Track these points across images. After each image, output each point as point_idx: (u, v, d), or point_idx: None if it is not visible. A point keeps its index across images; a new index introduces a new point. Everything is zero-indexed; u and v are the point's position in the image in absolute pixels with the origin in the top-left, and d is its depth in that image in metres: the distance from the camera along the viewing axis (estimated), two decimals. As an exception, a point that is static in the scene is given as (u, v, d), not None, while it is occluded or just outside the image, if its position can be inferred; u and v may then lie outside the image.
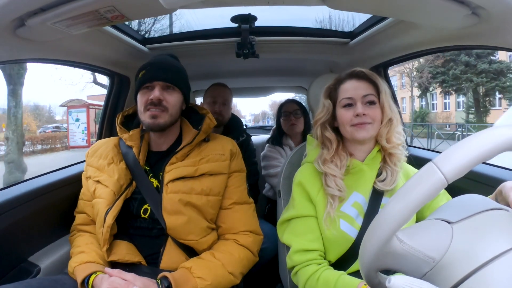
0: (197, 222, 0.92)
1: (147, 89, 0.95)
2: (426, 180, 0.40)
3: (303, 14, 1.48)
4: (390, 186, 0.88)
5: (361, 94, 0.89)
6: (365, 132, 0.88)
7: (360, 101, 0.89)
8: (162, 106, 0.94)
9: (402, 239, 0.44)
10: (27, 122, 17.08)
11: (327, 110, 0.94)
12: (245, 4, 0.90)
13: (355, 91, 0.89)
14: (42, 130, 17.06)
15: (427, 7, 0.77)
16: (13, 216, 0.94)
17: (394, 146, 0.91)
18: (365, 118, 0.87)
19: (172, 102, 0.96)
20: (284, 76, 2.24)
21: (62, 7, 0.75)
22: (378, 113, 0.89)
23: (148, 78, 0.95)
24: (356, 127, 0.88)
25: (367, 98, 0.89)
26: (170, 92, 0.96)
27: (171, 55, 1.09)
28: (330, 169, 0.89)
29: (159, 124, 0.94)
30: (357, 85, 0.90)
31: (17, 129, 6.29)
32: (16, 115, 6.21)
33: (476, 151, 0.39)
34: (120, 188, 0.93)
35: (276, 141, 1.88)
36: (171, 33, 1.53)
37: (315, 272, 0.84)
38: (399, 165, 0.92)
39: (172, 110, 0.96)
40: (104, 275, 0.82)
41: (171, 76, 0.96)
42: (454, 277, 0.40)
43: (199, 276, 0.83)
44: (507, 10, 0.70)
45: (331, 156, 0.91)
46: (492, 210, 0.46)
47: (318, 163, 0.92)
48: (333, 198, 0.87)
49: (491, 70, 11.55)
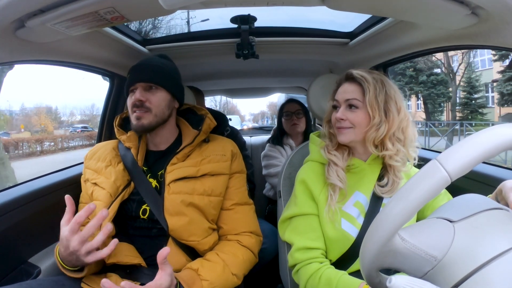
0: (199, 223, 0.92)
1: (133, 92, 0.96)
2: (430, 177, 0.40)
3: (303, 15, 1.48)
4: (388, 194, 0.88)
5: (344, 98, 0.89)
6: (343, 136, 0.88)
7: (344, 104, 0.89)
8: (144, 107, 0.93)
9: (404, 237, 0.44)
10: (44, 123, 19.17)
11: (329, 110, 0.97)
12: (244, 5, 0.89)
13: (341, 94, 0.90)
14: (73, 130, 18.95)
15: (427, 7, 0.77)
16: (14, 218, 0.94)
17: (391, 157, 0.86)
18: (343, 122, 0.88)
19: (155, 102, 0.95)
20: (284, 76, 2.24)
21: (62, 9, 0.75)
22: (361, 117, 0.86)
23: (131, 81, 0.96)
24: (337, 130, 0.90)
25: (349, 101, 0.88)
26: (153, 92, 0.95)
27: (161, 55, 1.09)
28: (334, 157, 0.90)
29: (143, 125, 0.94)
30: (346, 88, 0.90)
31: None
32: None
33: (479, 149, 0.39)
34: (117, 189, 0.93)
35: (277, 140, 1.88)
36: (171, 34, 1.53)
37: (317, 271, 0.84)
38: (400, 175, 0.89)
39: (156, 110, 0.95)
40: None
41: (152, 76, 0.96)
42: (456, 276, 0.40)
43: (206, 278, 0.83)
44: (506, 10, 0.70)
45: (335, 147, 0.93)
46: (493, 209, 0.46)
47: (324, 149, 0.93)
48: (334, 189, 0.87)
49: (429, 81, 16.07)
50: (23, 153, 11.53)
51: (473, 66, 15.78)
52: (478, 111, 15.52)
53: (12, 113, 20.08)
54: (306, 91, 2.02)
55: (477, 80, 15.54)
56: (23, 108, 21.75)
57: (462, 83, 15.76)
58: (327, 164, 0.92)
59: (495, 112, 15.01)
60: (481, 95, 15.33)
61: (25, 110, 21.88)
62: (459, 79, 15.69)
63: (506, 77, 13.74)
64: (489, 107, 15.40)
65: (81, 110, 25.41)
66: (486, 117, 15.20)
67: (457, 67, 15.48)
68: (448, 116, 16.60)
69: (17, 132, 16.38)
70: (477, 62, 15.82)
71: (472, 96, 15.51)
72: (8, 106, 19.07)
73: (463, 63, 15.39)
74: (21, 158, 8.44)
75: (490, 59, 15.00)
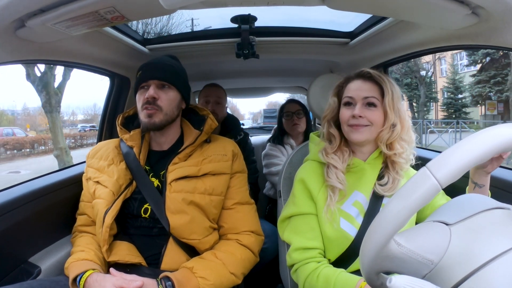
0: (200, 222, 0.92)
1: (144, 88, 0.96)
2: (420, 186, 0.40)
3: (303, 14, 1.48)
4: (389, 192, 0.88)
5: (362, 96, 0.88)
6: (359, 134, 0.87)
7: (361, 102, 0.88)
8: (156, 105, 0.94)
9: (400, 243, 0.44)
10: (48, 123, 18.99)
11: (331, 107, 0.95)
12: (245, 5, 0.89)
13: (357, 91, 0.89)
14: (82, 129, 19.45)
15: (427, 7, 0.77)
16: (14, 217, 0.94)
17: (397, 154, 0.88)
18: (361, 120, 0.87)
19: (166, 101, 0.96)
20: (284, 76, 2.24)
21: (62, 8, 0.75)
22: (378, 116, 0.87)
23: (144, 77, 0.96)
24: (352, 128, 0.88)
25: (367, 99, 0.87)
26: (166, 90, 0.97)
27: (171, 56, 1.10)
28: (333, 160, 0.89)
29: (155, 123, 0.94)
30: (361, 86, 0.89)
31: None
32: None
33: (469, 156, 0.39)
34: (119, 188, 0.93)
35: (278, 140, 1.89)
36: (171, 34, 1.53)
37: (315, 270, 0.84)
38: (401, 173, 0.90)
39: (167, 109, 0.96)
40: (104, 275, 0.82)
41: (166, 75, 0.97)
42: (453, 279, 0.40)
43: (201, 276, 0.83)
44: (507, 10, 0.70)
45: (333, 150, 0.91)
46: (492, 209, 0.46)
47: (322, 153, 0.92)
48: (333, 190, 0.87)
49: (412, 83, 17.73)
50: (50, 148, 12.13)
51: (456, 68, 17.34)
52: (462, 110, 17.01)
53: (14, 113, 20.48)
54: (306, 91, 2.02)
55: (460, 81, 16.96)
56: (25, 108, 22.06)
57: (446, 84, 17.57)
58: (326, 166, 0.91)
59: (479, 111, 16.30)
60: (464, 95, 16.91)
61: (27, 110, 22.19)
62: (446, 81, 17.50)
63: (476, 80, 15.17)
64: (472, 107, 16.78)
65: (83, 110, 25.79)
66: (470, 115, 16.73)
67: (426, 73, 17.58)
68: (436, 115, 18.20)
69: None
70: (458, 65, 17.39)
71: (456, 97, 17.19)
72: (14, 106, 19.57)
73: (431, 68, 17.67)
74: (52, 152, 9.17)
75: (462, 64, 16.65)
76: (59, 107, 6.96)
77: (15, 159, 11.60)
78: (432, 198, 0.40)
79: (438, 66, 18.04)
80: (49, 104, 6.70)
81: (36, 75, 6.64)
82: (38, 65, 6.48)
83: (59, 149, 6.62)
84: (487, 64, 14.83)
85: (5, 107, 21.64)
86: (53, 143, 6.73)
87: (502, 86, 14.19)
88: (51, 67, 6.69)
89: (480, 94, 15.08)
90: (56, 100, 6.76)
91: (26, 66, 6.46)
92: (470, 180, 0.82)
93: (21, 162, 10.94)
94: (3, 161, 11.13)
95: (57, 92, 6.82)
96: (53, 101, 6.71)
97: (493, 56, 14.40)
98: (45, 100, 6.67)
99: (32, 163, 10.45)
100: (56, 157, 6.63)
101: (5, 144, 12.07)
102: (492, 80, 14.45)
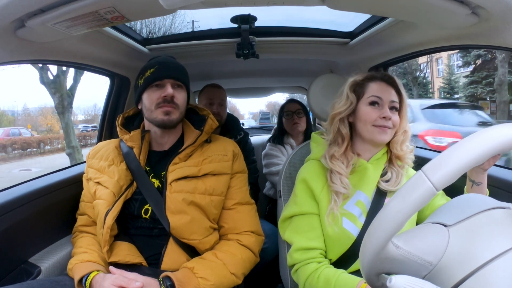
0: (200, 222, 0.92)
1: (157, 87, 0.96)
2: (415, 190, 0.40)
3: (303, 14, 1.48)
4: (394, 187, 0.89)
5: (390, 98, 0.90)
6: (385, 135, 0.89)
7: (388, 104, 0.90)
8: (174, 103, 0.95)
9: (398, 245, 0.44)
10: (50, 123, 20.17)
11: (350, 103, 0.92)
12: (245, 5, 0.89)
13: (385, 94, 0.90)
14: (83, 129, 19.43)
15: (427, 7, 0.77)
16: (14, 217, 0.94)
17: (406, 153, 0.93)
18: (389, 122, 0.89)
19: (181, 100, 0.98)
20: (284, 76, 2.24)
21: (62, 8, 0.75)
22: (398, 121, 0.91)
23: (159, 75, 0.96)
24: (379, 129, 0.89)
25: (393, 103, 0.90)
26: (179, 90, 0.98)
27: (171, 56, 1.09)
28: (337, 166, 0.90)
29: (173, 120, 0.95)
30: (387, 89, 0.91)
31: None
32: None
33: (464, 159, 0.40)
34: (120, 189, 0.93)
35: (278, 139, 1.89)
36: (171, 34, 1.53)
37: (316, 270, 0.84)
38: (406, 168, 0.94)
39: (181, 108, 0.98)
40: (105, 274, 0.82)
41: (181, 75, 0.99)
42: (452, 279, 0.41)
43: (202, 276, 0.83)
44: (507, 10, 0.70)
45: (340, 154, 0.91)
46: (491, 209, 0.46)
47: (325, 158, 0.92)
48: (337, 195, 0.87)
49: (408, 84, 17.31)
50: (59, 147, 12.72)
51: (452, 69, 17.54)
52: (457, 110, 17.43)
53: (15, 113, 20.58)
54: (306, 91, 2.02)
55: (456, 81, 17.28)
56: (25, 109, 22.14)
57: (442, 84, 18.04)
58: (329, 171, 0.91)
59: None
60: (460, 95, 17.22)
61: (28, 110, 22.26)
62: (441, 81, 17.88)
63: (469, 81, 15.46)
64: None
65: (84, 110, 25.85)
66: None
67: (418, 74, 17.76)
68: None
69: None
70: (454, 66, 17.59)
71: (452, 97, 17.46)
72: (15, 107, 19.77)
73: (425, 69, 18.00)
74: (63, 150, 9.52)
75: (458, 65, 16.80)
76: (71, 108, 7.29)
77: (23, 158, 11.89)
78: (428, 201, 0.40)
79: (435, 67, 18.37)
80: (61, 106, 7.01)
81: (49, 78, 6.96)
82: (51, 68, 6.81)
83: (71, 147, 7.06)
84: (479, 65, 15.02)
85: (5, 107, 21.75)
86: (65, 142, 7.22)
87: (493, 87, 14.44)
88: (63, 71, 7.00)
89: (472, 94, 15.38)
90: (68, 101, 7.09)
91: (40, 70, 6.71)
92: (468, 178, 0.83)
93: (29, 161, 11.20)
94: (13, 160, 11.42)
95: (69, 94, 7.13)
96: (65, 102, 7.03)
97: (485, 58, 14.58)
98: (58, 102, 6.99)
99: (40, 162, 10.79)
100: (68, 155, 7.08)
101: (13, 144, 12.39)
102: (484, 81, 14.67)
